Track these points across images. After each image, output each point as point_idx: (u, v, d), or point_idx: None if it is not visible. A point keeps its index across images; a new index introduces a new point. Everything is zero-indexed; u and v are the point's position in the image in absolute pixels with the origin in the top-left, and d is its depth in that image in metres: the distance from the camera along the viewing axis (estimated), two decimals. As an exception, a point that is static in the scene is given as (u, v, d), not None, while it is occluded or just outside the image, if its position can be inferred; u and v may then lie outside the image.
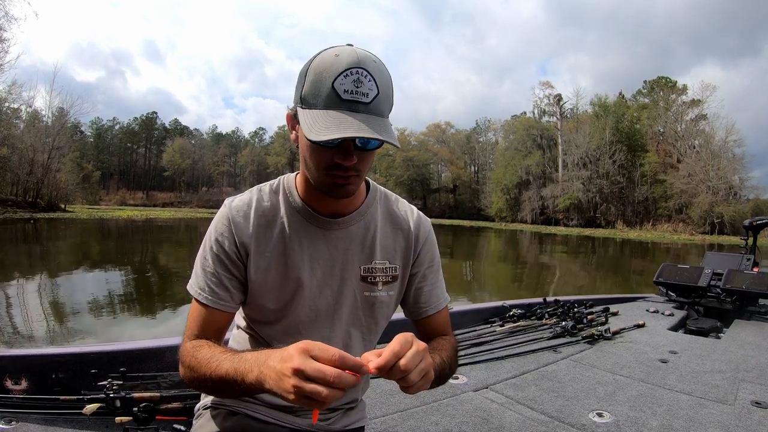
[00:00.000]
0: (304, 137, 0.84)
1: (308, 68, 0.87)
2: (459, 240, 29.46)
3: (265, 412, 1.08)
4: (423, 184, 72.15)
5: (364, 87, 0.84)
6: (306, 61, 0.90)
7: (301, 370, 0.68)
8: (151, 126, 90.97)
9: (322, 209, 1.03)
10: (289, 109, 0.95)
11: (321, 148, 0.87)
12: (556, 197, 55.59)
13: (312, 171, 0.93)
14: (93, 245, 17.95)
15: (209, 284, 0.99)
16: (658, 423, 1.96)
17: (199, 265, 1.02)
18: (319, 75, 0.84)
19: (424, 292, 1.15)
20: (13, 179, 37.23)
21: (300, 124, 0.87)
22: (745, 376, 2.58)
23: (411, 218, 1.13)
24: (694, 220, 45.64)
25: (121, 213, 42.65)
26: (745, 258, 4.76)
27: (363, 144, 0.87)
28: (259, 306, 1.04)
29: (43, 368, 1.77)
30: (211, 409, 1.10)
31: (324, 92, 0.83)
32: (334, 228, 1.04)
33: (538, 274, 14.24)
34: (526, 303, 3.86)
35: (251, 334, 1.11)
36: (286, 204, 1.04)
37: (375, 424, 1.86)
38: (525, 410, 2.08)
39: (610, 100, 57.82)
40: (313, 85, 0.85)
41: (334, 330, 1.07)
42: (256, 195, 1.05)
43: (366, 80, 0.84)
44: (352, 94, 0.83)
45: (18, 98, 39.53)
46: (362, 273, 1.06)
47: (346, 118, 0.82)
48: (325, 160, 0.88)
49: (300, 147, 0.93)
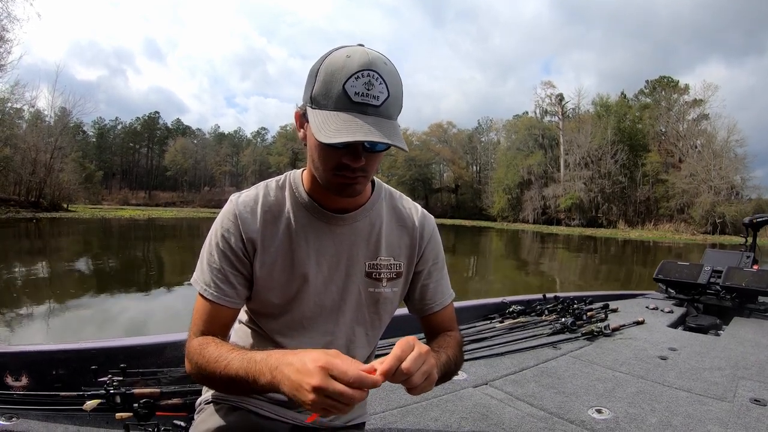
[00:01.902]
0: (313, 137, 0.84)
1: (319, 68, 0.87)
2: (461, 240, 29.42)
3: (267, 407, 1.08)
4: (425, 184, 72.06)
5: (374, 90, 0.84)
6: (314, 59, 0.90)
7: (322, 389, 0.70)
8: (154, 126, 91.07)
9: (329, 205, 1.03)
10: (299, 107, 0.95)
11: (330, 148, 0.87)
12: (558, 197, 55.51)
13: (320, 170, 0.93)
14: (94, 244, 17.96)
15: (215, 280, 0.99)
16: (657, 419, 1.96)
17: (204, 261, 1.02)
18: (330, 76, 0.84)
19: (430, 288, 1.16)
20: (16, 179, 37.26)
21: (309, 124, 0.87)
22: (744, 373, 2.58)
23: (416, 216, 1.14)
24: (696, 219, 45.50)
25: (123, 213, 42.62)
26: (744, 255, 4.75)
27: (371, 146, 0.88)
28: (264, 301, 1.04)
29: (44, 364, 1.78)
30: (212, 404, 1.10)
31: (335, 94, 0.84)
32: (340, 223, 1.04)
33: (540, 273, 14.22)
34: (525, 299, 3.87)
35: (253, 328, 1.12)
36: (292, 199, 1.04)
37: (375, 419, 1.86)
38: (524, 406, 2.09)
39: (611, 100, 57.80)
40: (324, 85, 0.85)
41: (338, 325, 1.08)
42: (262, 190, 1.05)
43: (377, 83, 0.84)
44: (363, 96, 0.83)
45: (21, 98, 39.60)
46: (367, 269, 1.07)
47: (356, 121, 0.82)
48: (333, 160, 0.89)
49: (308, 146, 0.94)
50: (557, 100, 62.33)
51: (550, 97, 63.12)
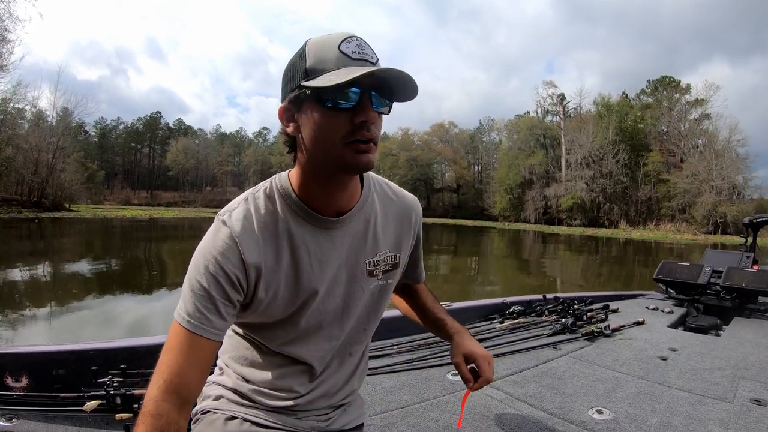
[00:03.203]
0: (316, 112, 0.84)
1: (305, 49, 0.87)
2: (462, 239, 29.43)
3: (265, 416, 1.05)
4: (426, 184, 72.05)
5: (367, 50, 0.85)
6: (292, 54, 0.89)
7: None
8: (155, 126, 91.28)
9: (322, 208, 0.97)
10: (283, 103, 0.92)
11: (336, 114, 0.84)
12: (559, 197, 55.46)
13: (327, 148, 0.87)
14: (96, 244, 17.99)
15: (201, 309, 0.88)
16: (657, 420, 1.96)
17: (187, 289, 0.90)
18: (321, 46, 0.85)
19: (420, 261, 1.28)
20: (18, 179, 37.38)
21: (311, 93, 0.85)
22: (745, 373, 2.57)
23: (406, 201, 1.14)
24: (698, 219, 45.41)
25: (125, 212, 42.74)
26: (744, 256, 4.74)
27: (378, 104, 0.86)
28: (265, 317, 1.00)
29: (44, 365, 1.78)
30: (209, 414, 1.06)
31: (332, 57, 0.83)
32: (337, 227, 0.99)
33: (541, 273, 14.22)
34: (525, 300, 3.86)
35: (249, 338, 1.08)
36: (284, 208, 0.97)
37: (374, 420, 1.86)
38: (524, 407, 2.09)
39: (613, 100, 57.73)
40: (317, 56, 0.84)
41: (343, 328, 1.07)
42: (252, 204, 0.96)
43: (366, 46, 0.86)
44: (360, 54, 0.84)
45: (23, 99, 39.70)
46: (368, 267, 1.05)
47: (363, 69, 0.81)
48: (342, 126, 0.85)
49: (305, 131, 0.89)
50: (558, 99, 62.29)
51: (551, 96, 63.16)
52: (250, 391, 1.05)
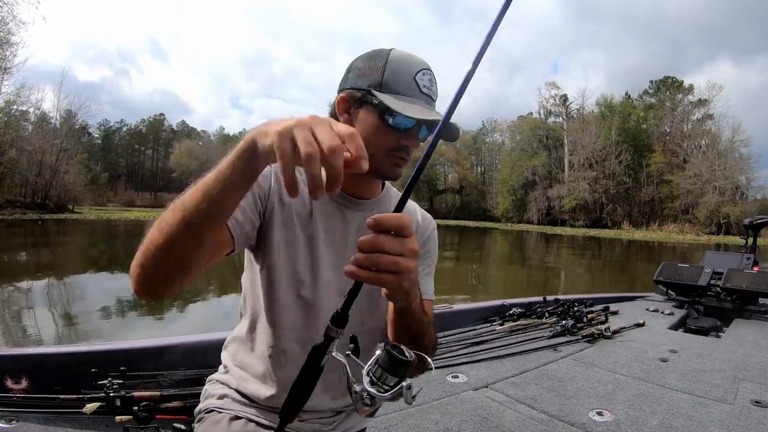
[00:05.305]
0: (374, 120, 0.93)
1: (387, 60, 0.95)
2: (465, 240, 29.38)
3: (269, 417, 1.05)
4: (429, 185, 72.04)
5: (435, 87, 0.98)
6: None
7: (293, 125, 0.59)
8: (159, 128, 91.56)
9: (345, 188, 1.04)
10: (344, 92, 0.98)
11: (390, 130, 0.94)
12: (562, 198, 55.41)
13: (371, 152, 0.81)
14: (100, 245, 18.03)
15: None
16: (657, 422, 1.96)
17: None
18: (400, 66, 0.94)
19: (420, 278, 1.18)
20: (22, 181, 37.48)
21: (378, 105, 0.92)
22: (745, 375, 2.57)
23: (418, 213, 1.18)
24: (701, 220, 45.34)
25: (129, 214, 42.77)
26: (745, 257, 4.73)
27: (421, 137, 0.98)
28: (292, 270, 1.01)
29: (44, 367, 1.79)
30: (213, 413, 1.07)
31: (407, 82, 0.94)
32: (352, 208, 1.05)
33: (544, 274, 14.19)
34: (526, 302, 3.86)
35: (253, 338, 1.08)
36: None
37: (375, 422, 1.87)
38: (525, 409, 2.09)
39: (616, 101, 57.68)
40: (395, 74, 0.94)
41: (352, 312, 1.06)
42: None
43: (434, 84, 0.98)
44: (428, 89, 0.96)
45: (26, 101, 39.79)
46: None
47: (428, 108, 0.94)
48: (391, 142, 0.95)
49: (358, 128, 0.95)
50: (561, 100, 62.25)
51: (554, 97, 63.12)
52: (253, 391, 1.06)
